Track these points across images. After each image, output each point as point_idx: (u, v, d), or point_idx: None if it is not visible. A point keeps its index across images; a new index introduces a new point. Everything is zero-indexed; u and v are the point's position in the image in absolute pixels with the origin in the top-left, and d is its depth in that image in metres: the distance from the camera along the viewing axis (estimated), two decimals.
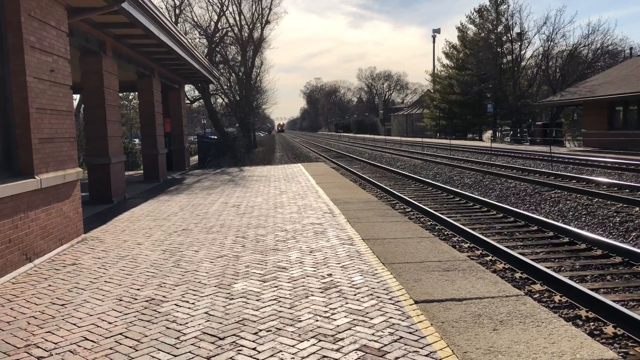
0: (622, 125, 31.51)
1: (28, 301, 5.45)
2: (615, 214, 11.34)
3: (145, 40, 14.55)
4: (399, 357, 3.84)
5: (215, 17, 41.10)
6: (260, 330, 4.43)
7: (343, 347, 4.05)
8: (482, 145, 42.98)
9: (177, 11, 37.62)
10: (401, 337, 4.19)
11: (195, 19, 41.40)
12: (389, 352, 3.93)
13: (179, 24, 36.30)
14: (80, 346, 4.23)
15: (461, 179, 19.76)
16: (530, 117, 56.86)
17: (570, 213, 11.99)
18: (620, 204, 12.25)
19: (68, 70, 8.41)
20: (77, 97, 27.12)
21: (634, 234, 9.81)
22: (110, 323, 4.72)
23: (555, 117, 48.85)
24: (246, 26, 43.56)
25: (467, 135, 68.90)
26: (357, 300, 5.11)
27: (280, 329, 4.44)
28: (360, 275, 5.94)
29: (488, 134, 66.76)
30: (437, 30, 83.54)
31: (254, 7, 43.78)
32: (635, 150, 27.55)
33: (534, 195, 14.66)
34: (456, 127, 68.88)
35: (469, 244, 9.20)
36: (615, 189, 14.98)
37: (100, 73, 13.07)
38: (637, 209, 11.61)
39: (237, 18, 42.74)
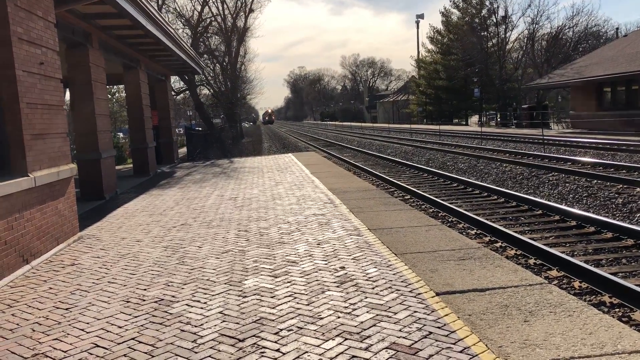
0: (610, 106, 31.58)
1: (30, 306, 5.18)
2: (616, 195, 11.25)
3: (132, 31, 14.18)
4: (433, 355, 3.64)
5: (199, 7, 40.46)
6: (281, 330, 4.21)
7: (372, 345, 3.84)
8: (470, 130, 42.97)
9: (160, 1, 36.91)
10: (430, 333, 4.00)
11: (178, 9, 40.76)
12: (421, 350, 3.73)
13: (162, 15, 35.60)
14: (91, 354, 3.98)
15: (455, 164, 19.63)
16: (515, 100, 56.92)
17: (571, 195, 11.88)
18: (620, 185, 12.18)
19: (58, 62, 8.07)
20: None
21: (638, 214, 9.71)
22: (120, 327, 4.47)
23: (541, 100, 48.96)
24: (229, 15, 42.97)
25: (453, 120, 68.90)
26: (376, 294, 4.90)
27: (301, 328, 4.23)
28: (375, 267, 5.73)
29: (474, 119, 66.83)
30: (421, 16, 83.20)
31: None
32: (623, 130, 27.62)
33: (531, 179, 14.55)
34: (443, 112, 68.82)
35: (475, 231, 9.03)
36: (612, 169, 14.92)
37: (88, 66, 12.68)
38: (639, 189, 11.53)
39: (221, 7, 42.13)
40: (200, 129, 41.67)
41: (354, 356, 3.69)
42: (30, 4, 7.20)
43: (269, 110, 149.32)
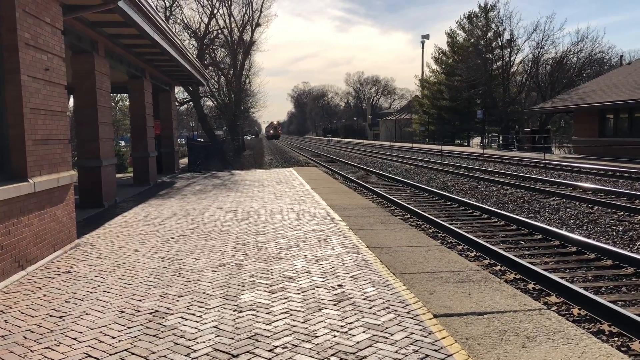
0: (612, 133, 31.64)
1: (23, 313, 5.12)
2: (617, 223, 11.20)
3: (138, 40, 14.24)
4: None
5: (206, 19, 40.75)
6: (276, 347, 4.15)
7: None
8: (472, 151, 42.99)
9: (168, 12, 37.18)
10: (427, 356, 3.94)
11: (186, 21, 41.02)
12: None
13: (169, 25, 35.80)
14: None
15: (455, 185, 19.60)
16: (518, 123, 57.02)
17: (572, 221, 11.84)
18: (622, 212, 12.13)
19: (63, 69, 8.08)
20: None
21: (639, 243, 9.66)
22: (113, 338, 4.42)
23: (544, 124, 49.04)
24: (236, 29, 43.25)
25: (455, 141, 69.01)
26: (373, 313, 4.85)
27: (296, 346, 4.17)
28: (372, 287, 5.68)
29: (476, 140, 66.92)
30: (426, 36, 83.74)
31: (244, 9, 43.52)
32: (625, 157, 27.63)
33: (532, 203, 14.52)
34: (445, 132, 68.95)
35: (475, 253, 8.99)
36: (613, 196, 14.89)
37: (93, 73, 12.72)
38: (639, 217, 11.49)
39: (228, 20, 42.40)
40: (201, 140, 41.70)
41: None
42: (39, 11, 7.23)
43: (275, 123, 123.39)
